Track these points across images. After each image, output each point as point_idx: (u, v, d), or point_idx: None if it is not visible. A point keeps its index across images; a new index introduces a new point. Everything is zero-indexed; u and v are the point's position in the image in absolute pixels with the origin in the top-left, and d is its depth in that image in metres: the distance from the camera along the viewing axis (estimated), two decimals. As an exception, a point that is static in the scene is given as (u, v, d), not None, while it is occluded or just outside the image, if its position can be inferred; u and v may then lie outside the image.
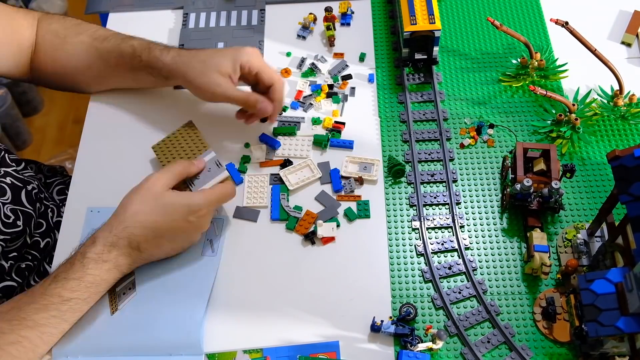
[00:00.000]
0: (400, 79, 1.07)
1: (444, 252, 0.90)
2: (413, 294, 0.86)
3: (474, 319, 0.83)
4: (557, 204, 0.88)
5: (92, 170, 1.00)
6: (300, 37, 1.13)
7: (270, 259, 0.90)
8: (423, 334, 0.82)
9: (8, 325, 0.75)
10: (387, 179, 0.96)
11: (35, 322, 0.76)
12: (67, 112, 2.27)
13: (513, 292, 0.86)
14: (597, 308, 0.68)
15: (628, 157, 0.68)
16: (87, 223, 0.94)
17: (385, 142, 1.00)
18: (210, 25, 1.16)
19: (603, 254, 0.82)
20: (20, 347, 0.75)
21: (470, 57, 1.10)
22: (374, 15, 1.16)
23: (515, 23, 1.14)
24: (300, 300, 0.86)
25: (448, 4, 1.17)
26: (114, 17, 1.19)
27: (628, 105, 1.00)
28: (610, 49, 1.08)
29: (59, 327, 0.79)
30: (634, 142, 0.98)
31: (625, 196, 0.68)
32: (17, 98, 2.13)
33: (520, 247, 0.89)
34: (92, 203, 0.96)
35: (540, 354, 0.81)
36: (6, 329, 0.75)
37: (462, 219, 0.92)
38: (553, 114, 1.00)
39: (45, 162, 1.28)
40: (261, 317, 0.85)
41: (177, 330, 0.82)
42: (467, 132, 1.01)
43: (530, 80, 1.05)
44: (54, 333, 0.79)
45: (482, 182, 0.96)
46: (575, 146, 0.98)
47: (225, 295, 0.87)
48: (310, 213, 0.92)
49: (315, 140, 0.99)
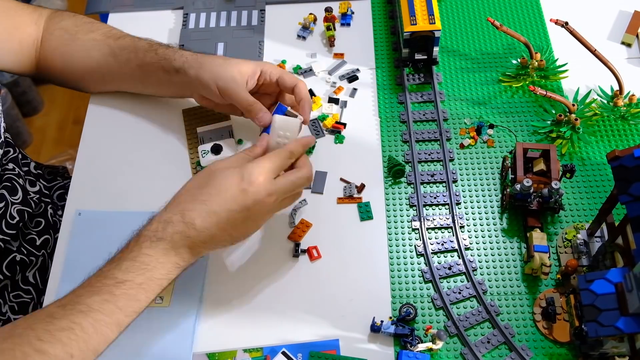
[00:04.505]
0: (400, 79, 1.07)
1: (444, 252, 0.90)
2: (413, 294, 0.86)
3: (474, 319, 0.84)
4: (557, 204, 0.88)
5: (92, 170, 1.00)
6: (300, 38, 1.13)
7: (270, 259, 0.90)
8: (423, 334, 0.82)
9: (62, 310, 0.69)
10: (387, 179, 0.96)
11: (88, 307, 0.70)
12: (67, 112, 2.27)
13: (513, 292, 0.86)
14: (596, 308, 0.68)
15: (628, 158, 0.68)
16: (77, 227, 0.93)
17: (385, 142, 1.00)
18: (210, 25, 1.16)
19: (603, 254, 0.82)
20: (71, 335, 0.68)
21: (470, 57, 1.10)
22: (374, 15, 1.16)
23: (515, 23, 1.14)
24: (300, 300, 0.86)
25: (448, 4, 1.17)
26: (114, 17, 1.19)
27: (628, 105, 1.00)
28: (610, 49, 1.08)
29: (113, 316, 0.71)
30: (634, 142, 0.98)
31: (625, 196, 0.68)
32: (17, 98, 2.13)
33: (520, 247, 0.89)
34: (92, 204, 0.96)
35: (540, 354, 0.81)
36: (59, 313, 0.69)
37: (462, 219, 0.92)
38: (553, 114, 1.00)
39: (45, 162, 1.28)
40: (261, 317, 0.85)
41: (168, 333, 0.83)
42: (467, 133, 1.01)
43: (530, 80, 1.05)
44: (108, 322, 0.71)
45: (482, 182, 0.96)
46: (575, 146, 0.98)
47: (225, 295, 0.87)
48: (304, 222, 0.92)
49: None
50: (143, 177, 0.98)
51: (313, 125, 1.02)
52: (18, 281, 0.98)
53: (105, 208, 0.95)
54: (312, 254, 0.89)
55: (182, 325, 0.84)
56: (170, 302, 0.86)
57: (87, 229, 0.93)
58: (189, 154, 1.00)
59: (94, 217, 0.94)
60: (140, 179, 0.98)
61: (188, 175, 0.98)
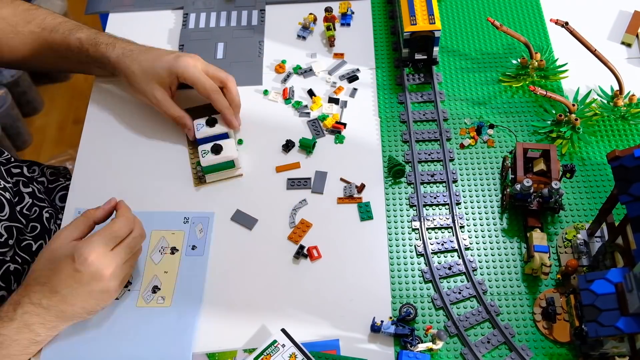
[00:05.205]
0: (400, 79, 1.07)
1: (444, 252, 0.90)
2: (413, 294, 0.86)
3: (474, 319, 0.83)
4: (557, 204, 0.88)
5: (92, 170, 1.00)
6: (300, 38, 1.13)
7: (270, 259, 0.90)
8: (423, 334, 0.82)
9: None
10: (387, 179, 0.96)
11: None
12: (67, 112, 2.27)
13: (513, 293, 0.86)
14: (597, 308, 0.68)
15: (628, 158, 0.68)
16: None
17: (385, 142, 1.00)
18: (210, 25, 1.16)
19: (603, 254, 0.82)
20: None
21: (470, 57, 1.10)
22: (374, 15, 1.16)
23: (515, 23, 1.14)
24: (300, 300, 0.86)
25: (448, 4, 1.17)
26: (114, 17, 1.19)
27: (628, 105, 1.00)
28: (610, 49, 1.08)
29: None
30: (634, 142, 0.98)
31: (625, 196, 0.68)
32: (17, 98, 2.12)
33: (520, 248, 0.89)
34: (93, 203, 0.96)
35: (540, 354, 0.81)
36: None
37: (462, 219, 0.92)
38: (553, 114, 1.00)
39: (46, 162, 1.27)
40: (261, 317, 0.85)
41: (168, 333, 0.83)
42: (467, 133, 1.01)
43: (530, 80, 1.05)
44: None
45: (482, 183, 0.96)
46: (575, 146, 0.98)
47: (225, 295, 0.87)
48: (304, 222, 0.92)
49: (302, 144, 0.99)
50: (143, 177, 0.98)
51: (313, 125, 1.02)
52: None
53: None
54: (312, 254, 0.89)
55: (182, 325, 0.84)
56: (171, 302, 0.86)
57: None
58: (189, 154, 1.00)
59: None
60: (140, 179, 0.98)
61: (188, 175, 0.98)
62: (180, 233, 0.92)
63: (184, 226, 0.93)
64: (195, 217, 0.93)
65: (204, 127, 0.96)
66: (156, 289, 0.87)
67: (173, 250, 0.91)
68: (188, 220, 0.93)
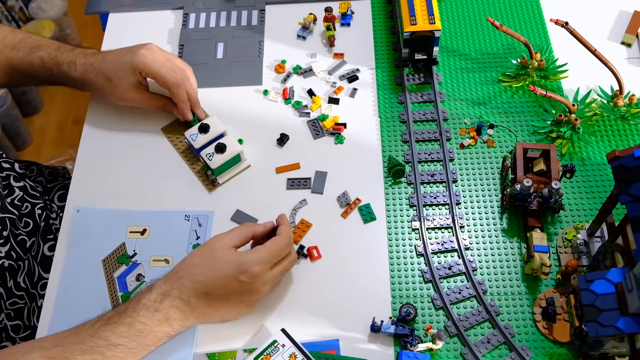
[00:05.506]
0: (400, 79, 1.07)
1: (444, 252, 0.90)
2: (413, 294, 0.86)
3: (474, 319, 0.83)
4: (557, 204, 0.88)
5: (92, 170, 1.00)
6: (300, 38, 1.13)
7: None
8: (423, 334, 0.82)
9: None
10: (387, 179, 0.96)
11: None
12: (67, 112, 2.27)
13: (513, 293, 0.86)
14: (597, 308, 0.68)
15: (628, 158, 0.68)
16: (76, 225, 0.93)
17: (385, 142, 1.00)
18: (210, 25, 1.16)
19: (603, 254, 0.82)
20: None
21: (470, 57, 1.10)
22: (374, 15, 1.16)
23: (515, 23, 1.14)
24: (300, 300, 0.86)
25: (448, 4, 1.17)
26: (114, 17, 1.19)
27: (628, 105, 1.00)
28: (610, 49, 1.08)
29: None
30: (634, 142, 0.98)
31: (625, 196, 0.68)
32: (17, 98, 2.13)
33: (520, 248, 0.89)
34: (93, 203, 0.96)
35: (540, 354, 0.81)
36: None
37: (462, 219, 0.92)
38: (553, 114, 1.00)
39: (45, 162, 1.27)
40: (261, 317, 0.85)
41: None
42: (467, 133, 1.01)
43: (530, 80, 1.05)
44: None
45: (482, 183, 0.96)
46: (575, 146, 0.98)
47: (225, 296, 0.87)
48: (304, 222, 0.92)
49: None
50: (143, 177, 0.98)
51: (313, 126, 1.02)
52: (12, 288, 0.97)
53: (105, 207, 0.95)
54: (312, 254, 0.89)
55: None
56: None
57: (86, 226, 0.93)
58: (187, 165, 1.00)
59: (92, 213, 0.94)
60: (140, 179, 0.98)
61: (188, 175, 0.98)
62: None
63: (185, 224, 0.93)
64: (196, 215, 0.94)
65: (198, 135, 0.95)
66: None
67: None
68: (189, 218, 0.93)
